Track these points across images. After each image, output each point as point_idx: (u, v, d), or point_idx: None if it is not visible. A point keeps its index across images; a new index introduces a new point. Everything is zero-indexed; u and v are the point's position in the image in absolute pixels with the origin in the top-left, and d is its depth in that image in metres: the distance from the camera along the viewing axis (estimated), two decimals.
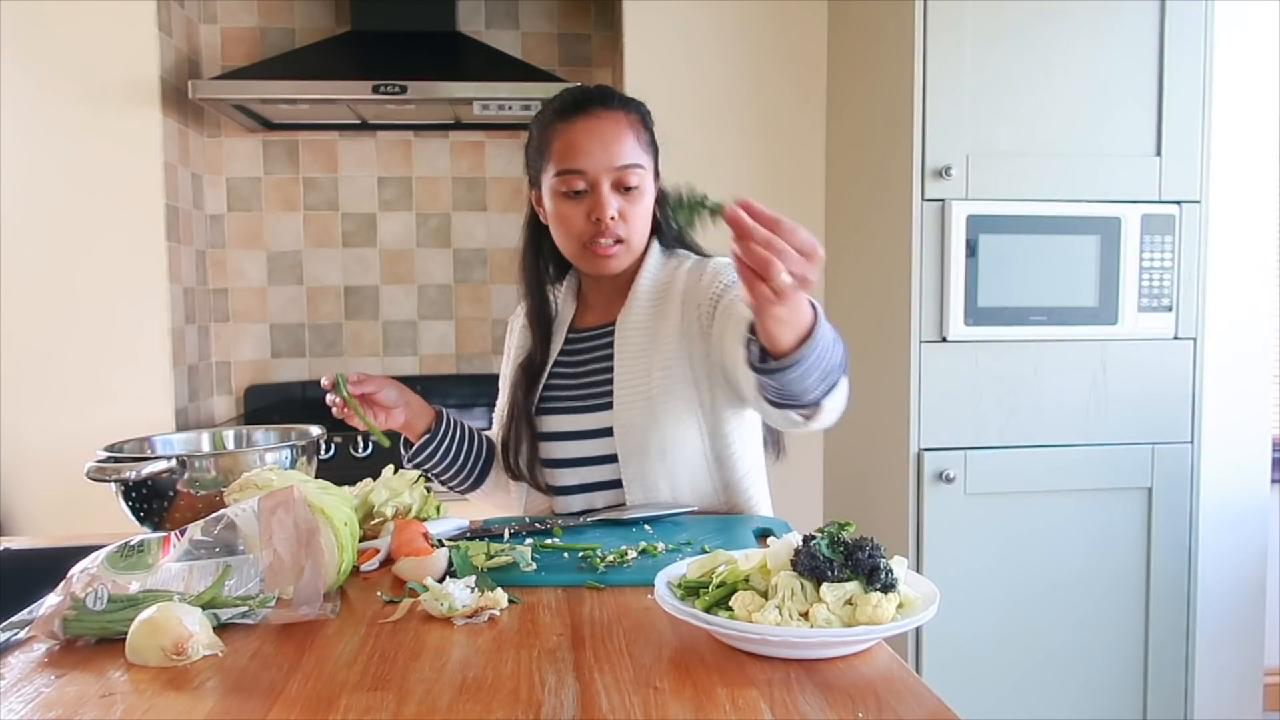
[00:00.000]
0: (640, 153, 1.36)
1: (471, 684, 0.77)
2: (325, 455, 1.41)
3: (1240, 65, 2.33)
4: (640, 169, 1.36)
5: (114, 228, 2.42)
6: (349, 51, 2.64)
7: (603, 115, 1.35)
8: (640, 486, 1.37)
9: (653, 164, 1.40)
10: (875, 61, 2.29)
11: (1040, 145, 2.10)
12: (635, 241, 1.38)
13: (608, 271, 1.40)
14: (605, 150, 1.33)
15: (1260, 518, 2.39)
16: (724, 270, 1.37)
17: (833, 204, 2.59)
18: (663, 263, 1.45)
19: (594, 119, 1.35)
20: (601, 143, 1.33)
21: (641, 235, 1.39)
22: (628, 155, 1.34)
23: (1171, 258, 2.14)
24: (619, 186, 1.35)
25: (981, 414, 2.12)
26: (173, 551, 0.96)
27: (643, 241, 1.41)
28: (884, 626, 0.80)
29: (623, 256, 1.38)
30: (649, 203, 1.39)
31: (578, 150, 1.33)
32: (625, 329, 1.41)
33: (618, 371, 1.40)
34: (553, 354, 1.49)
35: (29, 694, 0.78)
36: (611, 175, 1.34)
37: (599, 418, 1.40)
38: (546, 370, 1.47)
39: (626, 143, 1.35)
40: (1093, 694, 2.18)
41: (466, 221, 2.93)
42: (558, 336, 1.49)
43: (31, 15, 2.36)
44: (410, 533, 1.11)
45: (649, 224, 1.41)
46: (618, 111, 1.36)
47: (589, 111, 1.35)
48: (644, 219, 1.39)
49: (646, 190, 1.38)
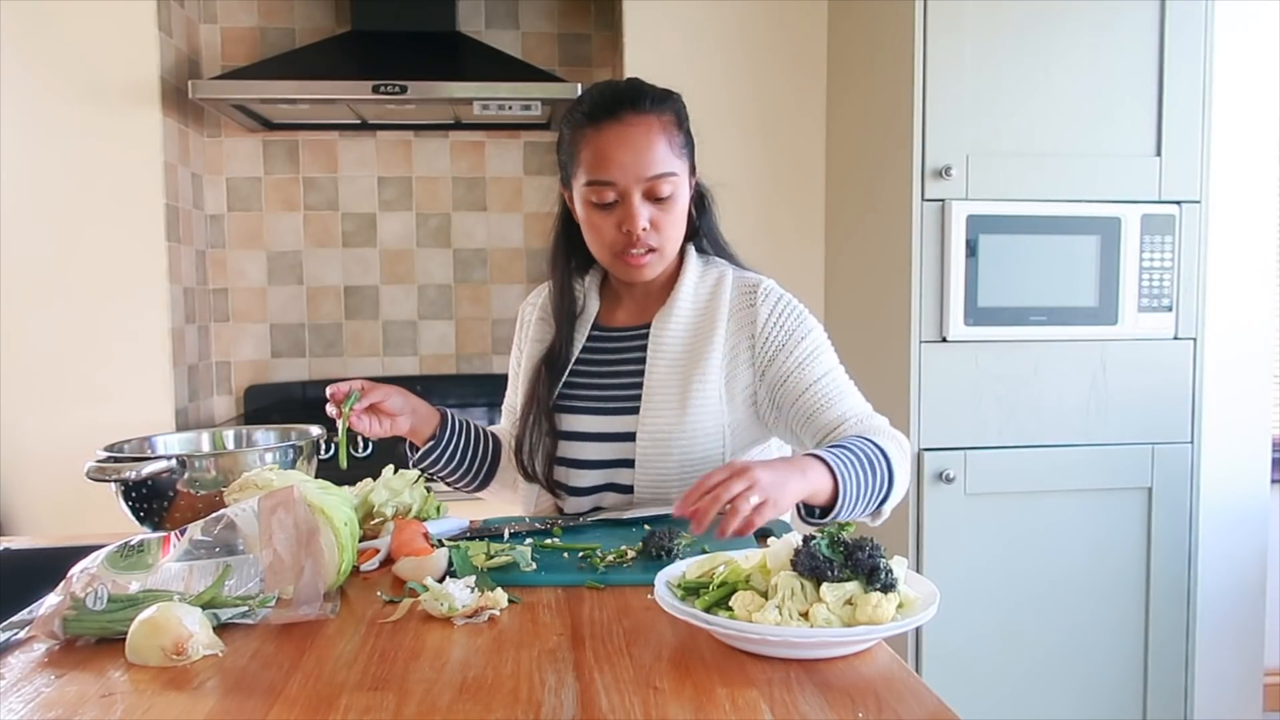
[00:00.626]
0: (673, 159, 1.32)
1: (471, 684, 0.77)
2: (325, 455, 1.40)
3: (1240, 65, 2.33)
4: (673, 177, 1.32)
5: (114, 228, 2.42)
6: (349, 51, 2.64)
7: (633, 122, 1.30)
8: (653, 494, 1.35)
9: (688, 163, 1.37)
10: (875, 61, 2.29)
11: (1040, 145, 2.10)
12: (669, 249, 1.36)
13: (641, 279, 1.38)
14: (636, 160, 1.29)
15: (1260, 518, 2.39)
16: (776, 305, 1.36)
17: (833, 204, 2.59)
18: (702, 271, 1.42)
19: (624, 126, 1.30)
20: (632, 152, 1.29)
21: (675, 241, 1.37)
22: (659, 164, 1.30)
23: (1171, 258, 2.14)
24: (650, 196, 1.31)
25: (981, 414, 2.12)
26: (173, 551, 0.96)
27: (676, 247, 1.38)
28: (884, 626, 0.80)
29: (656, 265, 1.36)
30: (683, 208, 1.36)
31: (608, 161, 1.29)
32: (662, 335, 1.38)
33: (649, 376, 1.37)
34: (576, 349, 1.45)
35: (29, 694, 0.78)
36: (642, 186, 1.30)
37: (622, 421, 1.37)
38: (570, 363, 1.44)
39: (658, 150, 1.30)
40: (1093, 694, 2.18)
41: (466, 221, 2.93)
42: (581, 331, 1.45)
43: (31, 15, 2.36)
44: (410, 533, 1.11)
45: (683, 230, 1.38)
46: (649, 116, 1.31)
47: (619, 118, 1.30)
48: (678, 226, 1.36)
49: (680, 197, 1.34)
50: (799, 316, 1.37)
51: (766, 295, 1.37)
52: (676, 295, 1.39)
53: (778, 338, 1.34)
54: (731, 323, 1.37)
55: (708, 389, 1.34)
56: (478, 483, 1.51)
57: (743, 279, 1.41)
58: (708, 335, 1.36)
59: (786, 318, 1.36)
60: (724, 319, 1.37)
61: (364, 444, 1.39)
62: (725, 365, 1.35)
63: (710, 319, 1.37)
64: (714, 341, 1.35)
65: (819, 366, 1.34)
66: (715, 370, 1.35)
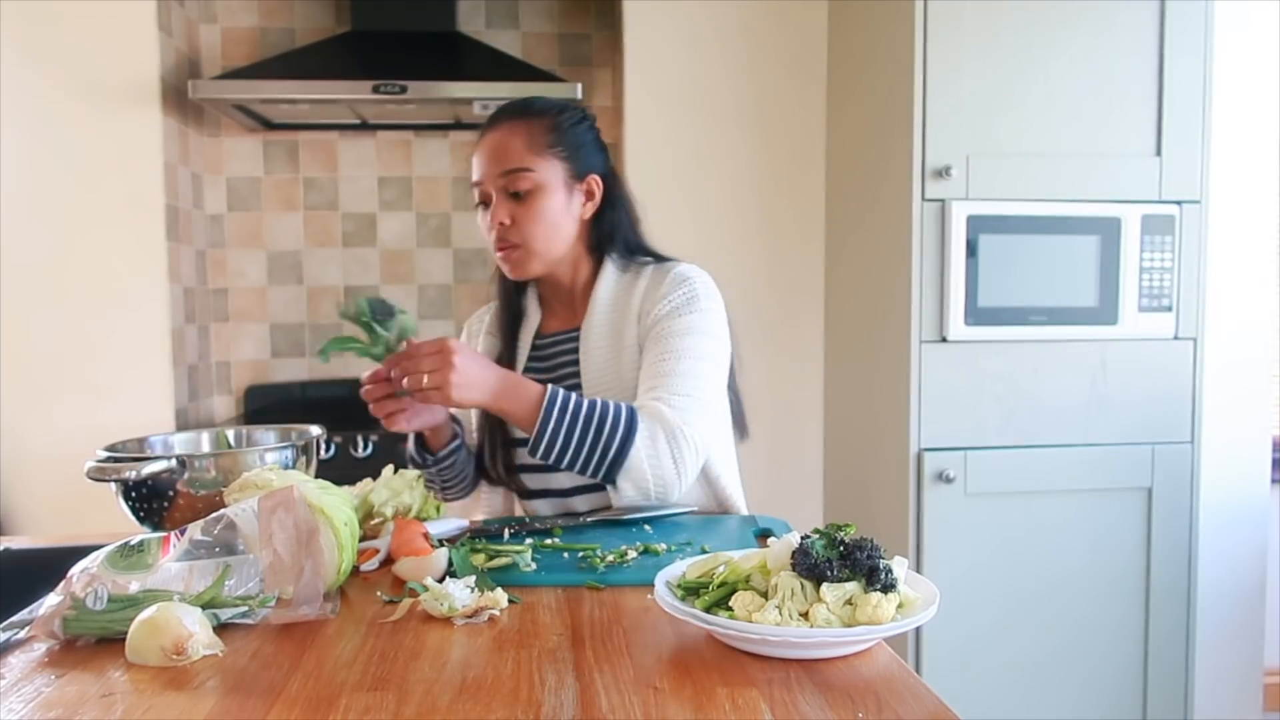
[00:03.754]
0: (532, 157, 1.36)
1: (471, 684, 0.77)
2: (325, 455, 1.41)
3: (1240, 65, 2.33)
4: (528, 173, 1.36)
5: (114, 227, 2.42)
6: (349, 51, 2.64)
7: (500, 127, 1.39)
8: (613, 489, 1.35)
9: (563, 164, 1.39)
10: (875, 62, 2.29)
11: (1040, 145, 2.10)
12: (536, 245, 1.38)
13: (519, 276, 1.43)
14: (494, 160, 1.37)
15: (1260, 518, 2.39)
16: (673, 286, 1.38)
17: (833, 204, 2.59)
18: (619, 273, 1.45)
19: (492, 132, 1.39)
20: (491, 153, 1.37)
21: (542, 239, 1.38)
22: (514, 161, 1.36)
23: (1171, 258, 2.14)
24: (506, 193, 1.37)
25: (981, 414, 2.12)
26: (173, 551, 0.96)
27: (548, 245, 1.39)
28: (884, 626, 0.80)
29: (525, 261, 1.39)
30: (547, 207, 1.37)
31: (476, 164, 1.39)
32: (588, 336, 1.42)
33: (585, 377, 1.41)
34: (520, 358, 1.49)
35: (29, 694, 0.78)
36: (499, 183, 1.36)
37: None
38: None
39: (515, 149, 1.36)
40: (1093, 694, 2.18)
41: (466, 221, 2.93)
42: (524, 341, 1.50)
43: (31, 15, 2.36)
44: (410, 533, 1.11)
45: (558, 227, 1.39)
46: (515, 121, 1.38)
47: (493, 125, 1.40)
48: (542, 222, 1.37)
49: (543, 195, 1.37)
50: (692, 296, 1.38)
51: (675, 275, 1.40)
52: (595, 296, 1.43)
53: (664, 306, 1.37)
54: (642, 304, 1.40)
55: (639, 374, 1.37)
56: (466, 489, 1.53)
57: (661, 268, 1.44)
58: (624, 323, 1.40)
59: (679, 293, 1.38)
60: (637, 306, 1.40)
61: (364, 444, 1.39)
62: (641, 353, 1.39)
63: (626, 308, 1.41)
64: (629, 328, 1.40)
65: (681, 341, 1.34)
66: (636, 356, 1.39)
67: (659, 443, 1.27)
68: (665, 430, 1.27)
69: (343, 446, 2.29)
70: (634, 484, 1.27)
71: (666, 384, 1.31)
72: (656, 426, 1.27)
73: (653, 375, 1.33)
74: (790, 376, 2.63)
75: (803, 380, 2.64)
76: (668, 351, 1.33)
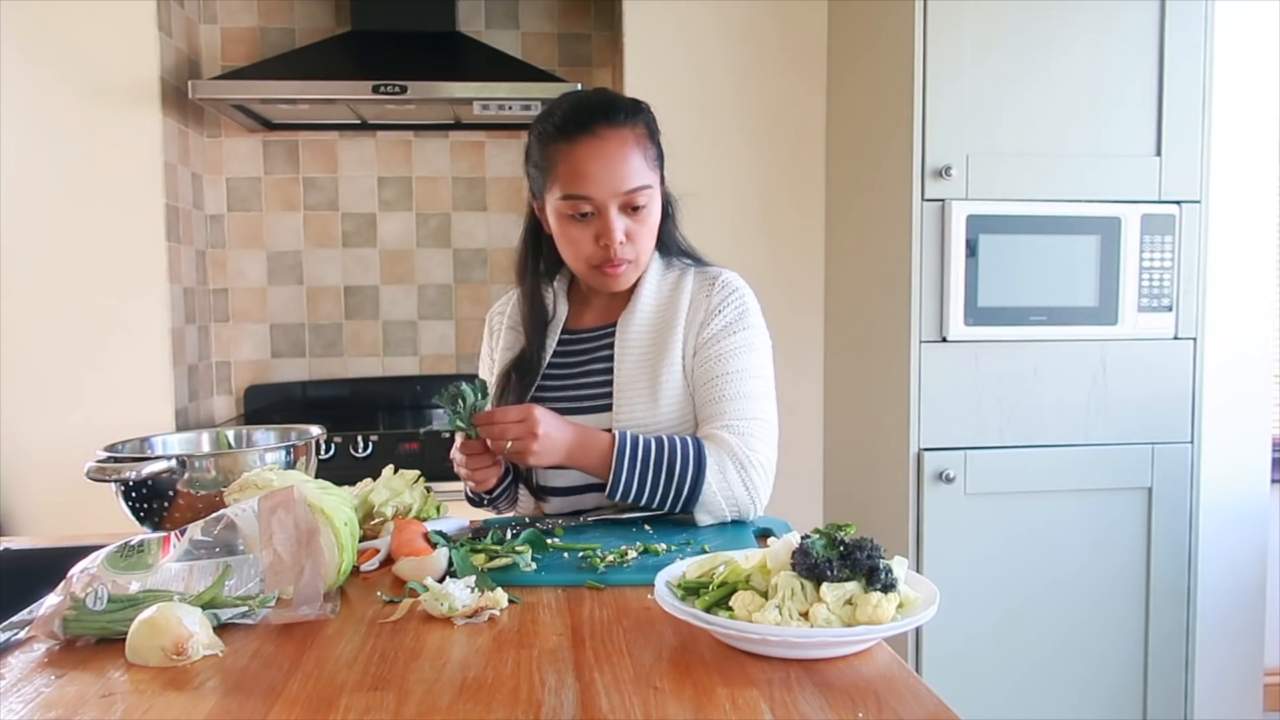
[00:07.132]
0: (647, 171, 1.34)
1: (471, 684, 0.77)
2: (325, 455, 1.40)
3: (1240, 65, 2.33)
4: (648, 189, 1.34)
5: (114, 228, 2.42)
6: (349, 51, 2.64)
7: (607, 135, 1.31)
8: None
9: (659, 174, 1.39)
10: (875, 61, 2.29)
11: (1040, 145, 2.10)
12: (644, 259, 1.39)
13: (617, 289, 1.41)
14: (611, 175, 1.30)
15: (1260, 518, 2.39)
16: (724, 298, 1.38)
17: (833, 204, 2.59)
18: (664, 271, 1.45)
19: (598, 140, 1.31)
20: (607, 166, 1.30)
21: (649, 251, 1.40)
22: (635, 178, 1.32)
23: (1171, 258, 2.14)
24: (626, 208, 1.33)
25: (981, 414, 2.12)
26: (173, 551, 0.96)
27: (650, 256, 1.41)
28: (884, 626, 0.80)
29: (631, 274, 1.39)
30: (656, 217, 1.38)
31: (584, 177, 1.30)
32: (627, 331, 1.41)
33: (618, 372, 1.39)
34: (547, 355, 1.47)
35: (29, 694, 0.78)
36: (619, 200, 1.32)
37: (596, 419, 1.39)
38: (541, 369, 1.46)
39: (633, 163, 1.32)
40: (1093, 694, 2.18)
41: (466, 221, 2.93)
42: (552, 336, 1.48)
43: (31, 15, 2.36)
44: (410, 533, 1.11)
45: (655, 239, 1.40)
46: (623, 129, 1.32)
47: (593, 131, 1.31)
48: (651, 235, 1.38)
49: (654, 208, 1.37)
50: (743, 311, 1.39)
51: (723, 285, 1.41)
52: (639, 294, 1.42)
53: (718, 322, 1.38)
54: (690, 311, 1.40)
55: (674, 379, 1.37)
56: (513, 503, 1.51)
57: (704, 273, 1.44)
58: (670, 327, 1.39)
59: (731, 308, 1.39)
60: (684, 310, 1.40)
61: (364, 444, 1.40)
62: (685, 355, 1.39)
63: (672, 312, 1.40)
64: (676, 332, 1.39)
65: (737, 362, 1.36)
66: (679, 360, 1.38)
67: (729, 473, 1.29)
68: (734, 460, 1.29)
69: (343, 446, 2.29)
70: (710, 514, 1.30)
71: (729, 409, 1.33)
72: (725, 457, 1.29)
73: (714, 400, 1.35)
74: (790, 376, 2.63)
75: (803, 380, 2.64)
76: (726, 373, 1.35)
